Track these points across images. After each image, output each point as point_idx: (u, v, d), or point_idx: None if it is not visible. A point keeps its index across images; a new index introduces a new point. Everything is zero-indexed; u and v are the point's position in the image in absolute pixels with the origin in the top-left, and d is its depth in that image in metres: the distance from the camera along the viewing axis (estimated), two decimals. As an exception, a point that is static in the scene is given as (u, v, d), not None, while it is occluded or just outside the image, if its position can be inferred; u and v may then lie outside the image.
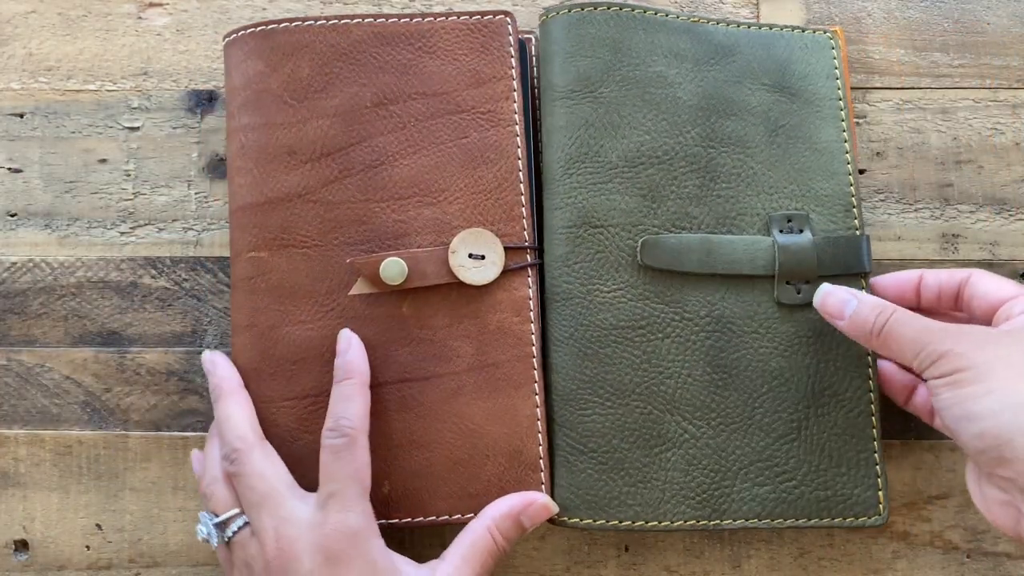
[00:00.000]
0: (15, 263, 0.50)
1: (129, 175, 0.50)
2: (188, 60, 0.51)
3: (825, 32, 0.48)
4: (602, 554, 0.47)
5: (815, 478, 0.43)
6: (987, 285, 0.41)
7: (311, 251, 0.44)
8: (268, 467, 0.41)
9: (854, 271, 0.45)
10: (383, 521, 0.42)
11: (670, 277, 0.44)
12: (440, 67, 0.45)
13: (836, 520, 0.43)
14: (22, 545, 0.48)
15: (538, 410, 0.43)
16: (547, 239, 0.45)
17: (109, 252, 0.49)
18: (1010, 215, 0.49)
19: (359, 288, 0.44)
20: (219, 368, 0.44)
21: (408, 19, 0.45)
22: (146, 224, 0.50)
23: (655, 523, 0.42)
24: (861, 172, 0.49)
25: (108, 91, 0.51)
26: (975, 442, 0.36)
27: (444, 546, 0.41)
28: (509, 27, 0.46)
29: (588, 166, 0.44)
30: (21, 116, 0.51)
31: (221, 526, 0.41)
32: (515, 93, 0.45)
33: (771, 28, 0.48)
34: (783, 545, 0.47)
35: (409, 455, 0.43)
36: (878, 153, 0.50)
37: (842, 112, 0.47)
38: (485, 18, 0.46)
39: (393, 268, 0.43)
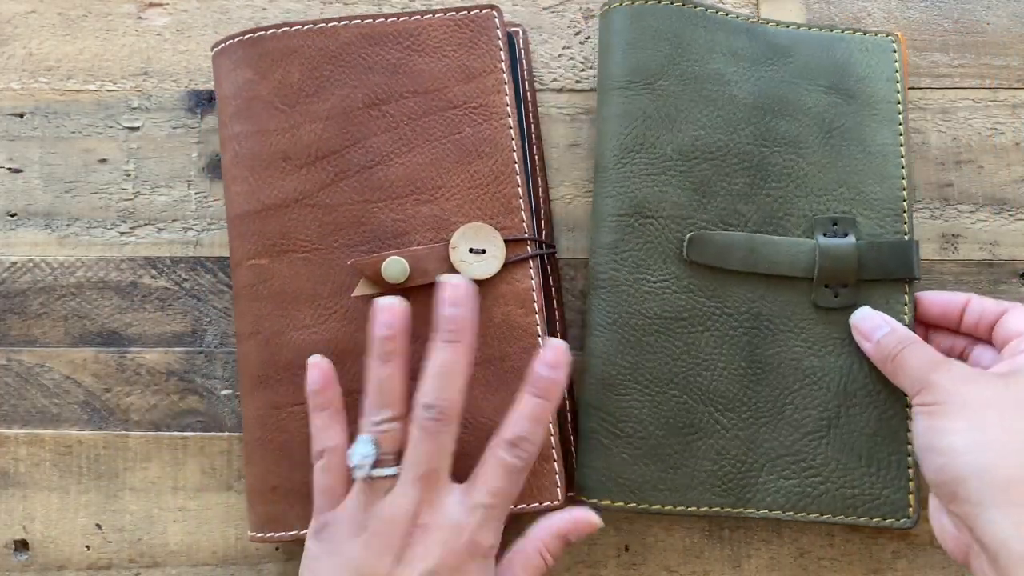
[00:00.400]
0: (15, 263, 0.50)
1: (129, 175, 0.50)
2: (188, 60, 0.51)
3: (888, 36, 0.48)
4: (602, 554, 0.47)
5: (842, 476, 0.44)
6: (1016, 321, 0.41)
7: (311, 255, 0.44)
8: (451, 446, 0.39)
9: (898, 277, 0.45)
10: None
11: (713, 272, 0.45)
12: (430, 64, 0.45)
13: (863, 519, 0.43)
14: (22, 545, 0.48)
15: None
16: (595, 226, 0.45)
17: (109, 252, 0.49)
18: (1010, 215, 0.49)
19: (361, 289, 0.44)
20: (462, 302, 0.40)
21: (395, 18, 0.45)
22: (146, 224, 0.50)
23: (682, 508, 0.43)
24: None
25: (108, 91, 0.51)
26: (935, 475, 0.38)
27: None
28: (496, 20, 0.46)
29: (643, 157, 0.45)
30: (21, 116, 0.51)
31: (379, 463, 0.39)
32: (506, 86, 0.45)
33: (832, 30, 0.48)
34: (783, 545, 0.47)
35: None
36: (878, 153, 0.50)
37: (900, 116, 0.47)
38: (472, 13, 0.46)
39: (395, 267, 0.43)
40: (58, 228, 0.50)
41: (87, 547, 0.47)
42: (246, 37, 0.46)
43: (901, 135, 0.47)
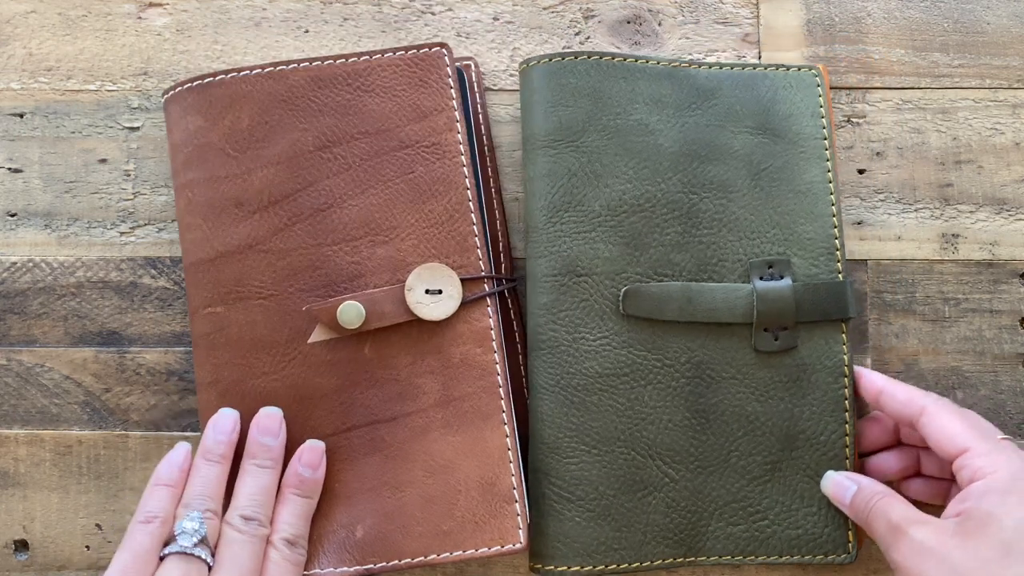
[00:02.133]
0: (15, 263, 0.50)
1: (129, 175, 0.50)
2: (188, 60, 0.51)
3: (811, 69, 0.48)
4: (602, 554, 0.47)
5: (787, 517, 0.44)
6: (937, 434, 0.40)
7: (267, 301, 0.44)
8: (259, 558, 0.40)
9: (835, 317, 0.45)
10: (358, 567, 0.42)
11: (652, 324, 0.44)
12: (380, 104, 0.45)
13: (807, 557, 0.44)
14: (22, 545, 0.48)
15: (508, 440, 0.43)
16: (530, 287, 0.45)
17: (109, 252, 0.49)
18: (1010, 215, 0.49)
19: (318, 335, 0.43)
20: (275, 432, 0.43)
21: (344, 59, 0.45)
22: (146, 224, 0.50)
23: (637, 564, 0.43)
24: (861, 172, 0.49)
25: (108, 91, 0.51)
26: None
27: None
28: (446, 58, 0.45)
29: (571, 215, 0.44)
30: (21, 116, 0.51)
31: (201, 543, 0.39)
32: (458, 124, 0.45)
33: (755, 68, 0.48)
34: (783, 545, 0.47)
35: (381, 497, 0.43)
36: (878, 153, 0.50)
37: (827, 152, 0.47)
38: (421, 51, 0.45)
39: (350, 312, 0.43)
40: (58, 228, 0.50)
41: (87, 547, 0.47)
42: (195, 84, 0.46)
43: (829, 171, 0.46)
